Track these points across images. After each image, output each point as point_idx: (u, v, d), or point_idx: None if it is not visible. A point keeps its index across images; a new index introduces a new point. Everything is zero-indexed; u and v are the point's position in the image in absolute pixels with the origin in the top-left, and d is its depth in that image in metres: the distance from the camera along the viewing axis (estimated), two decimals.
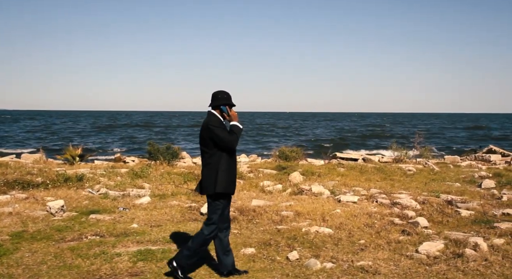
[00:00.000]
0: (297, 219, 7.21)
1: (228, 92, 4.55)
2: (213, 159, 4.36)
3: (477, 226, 6.81)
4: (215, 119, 4.41)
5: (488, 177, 11.83)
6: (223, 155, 4.35)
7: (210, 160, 4.37)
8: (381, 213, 7.67)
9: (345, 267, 4.90)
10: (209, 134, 4.33)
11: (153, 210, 7.74)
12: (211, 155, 4.37)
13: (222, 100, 4.45)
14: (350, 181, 11.23)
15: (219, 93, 4.51)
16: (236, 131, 4.39)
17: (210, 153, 4.37)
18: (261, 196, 9.29)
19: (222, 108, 4.45)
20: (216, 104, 4.46)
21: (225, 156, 4.36)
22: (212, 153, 4.36)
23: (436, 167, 13.97)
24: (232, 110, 4.49)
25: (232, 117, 4.45)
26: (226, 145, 4.31)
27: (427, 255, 5.30)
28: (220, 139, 4.29)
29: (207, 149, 4.39)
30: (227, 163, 4.38)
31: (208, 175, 4.37)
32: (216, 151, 4.35)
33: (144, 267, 4.76)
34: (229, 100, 4.49)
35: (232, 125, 4.42)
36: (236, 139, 4.34)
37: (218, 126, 4.33)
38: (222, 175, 4.33)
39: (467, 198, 9.22)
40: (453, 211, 7.87)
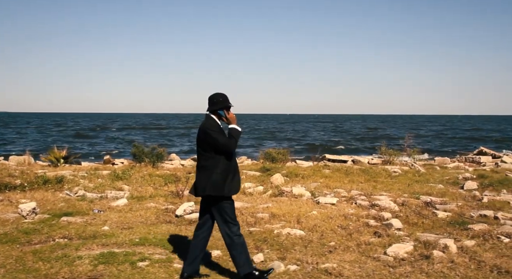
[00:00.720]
0: (272, 221, 7.15)
1: (224, 94, 4.48)
2: (210, 161, 4.31)
3: (451, 227, 6.77)
4: (213, 123, 4.37)
5: (471, 178, 11.81)
6: (221, 158, 4.30)
7: (207, 163, 4.33)
8: (358, 214, 7.62)
9: (309, 269, 4.85)
10: (207, 138, 4.29)
11: (128, 212, 7.67)
12: (208, 157, 4.32)
13: (218, 104, 4.40)
14: (333, 183, 11.18)
15: (215, 96, 4.45)
16: (234, 134, 4.34)
17: (207, 155, 4.32)
18: (241, 198, 9.23)
19: (219, 112, 4.40)
20: (213, 108, 4.41)
21: (223, 159, 4.31)
22: (210, 156, 4.31)
23: (422, 169, 13.94)
24: (230, 112, 4.44)
25: (230, 120, 4.40)
26: (224, 149, 4.26)
27: (395, 257, 5.25)
28: (219, 143, 4.24)
29: (204, 151, 4.34)
30: (225, 165, 4.31)
31: (204, 177, 4.32)
32: (214, 154, 4.30)
33: (104, 270, 4.68)
34: (226, 102, 4.43)
35: (230, 128, 4.37)
36: (234, 143, 4.30)
37: (216, 131, 4.29)
38: (218, 178, 4.28)
39: (447, 200, 9.18)
40: (430, 213, 7.83)
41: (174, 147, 36.02)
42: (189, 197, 8.95)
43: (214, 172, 4.28)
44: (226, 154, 4.30)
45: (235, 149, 4.34)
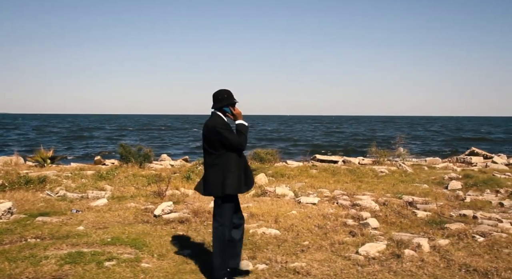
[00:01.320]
0: (250, 220, 7.11)
1: (228, 90, 4.44)
2: (221, 160, 4.26)
3: (428, 227, 6.75)
4: (221, 121, 4.32)
5: (457, 178, 11.81)
6: (231, 155, 4.26)
7: (217, 161, 4.27)
8: (337, 214, 7.59)
9: (277, 268, 4.81)
10: (217, 137, 4.24)
11: (107, 212, 7.62)
12: (218, 156, 4.27)
13: (223, 101, 4.36)
14: (318, 183, 11.16)
15: (219, 93, 4.40)
16: (243, 130, 4.31)
17: (217, 154, 4.27)
18: None
19: (225, 109, 4.37)
20: (218, 106, 4.37)
21: (234, 156, 4.27)
22: (220, 154, 4.26)
23: (410, 169, 13.93)
24: (236, 108, 4.40)
25: (236, 116, 4.36)
26: (237, 147, 4.24)
27: (366, 256, 5.23)
28: (230, 142, 4.20)
29: (213, 150, 4.29)
30: (237, 163, 4.29)
31: (215, 176, 4.27)
32: (224, 152, 4.26)
33: (70, 270, 4.63)
34: (231, 98, 4.39)
35: (238, 125, 4.33)
36: (245, 140, 4.28)
37: (225, 129, 4.24)
38: (232, 177, 4.24)
39: (429, 200, 9.17)
40: (410, 212, 7.81)
41: (171, 148, 35.99)
42: (170, 197, 8.93)
43: (227, 170, 4.24)
44: (238, 151, 4.28)
45: (246, 146, 4.30)
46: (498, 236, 6.04)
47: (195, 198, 9.02)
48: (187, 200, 8.76)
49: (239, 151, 4.28)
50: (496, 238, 5.96)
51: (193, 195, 9.33)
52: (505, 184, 10.72)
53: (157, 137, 50.17)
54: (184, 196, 9.25)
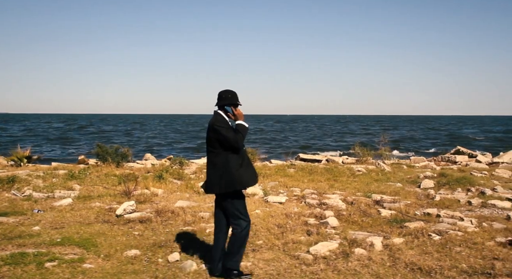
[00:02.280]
0: (211, 220, 7.04)
1: (234, 92, 4.52)
2: (219, 158, 4.34)
3: (388, 226, 6.72)
4: (220, 119, 4.38)
5: (431, 177, 11.79)
6: (229, 154, 4.31)
7: (216, 160, 4.35)
8: (301, 213, 7.55)
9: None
10: (214, 135, 4.31)
11: (69, 212, 7.54)
12: (216, 154, 4.35)
13: (226, 100, 4.44)
14: (292, 182, 11.11)
15: (224, 92, 4.49)
16: (241, 130, 4.37)
17: (216, 152, 4.35)
18: (193, 197, 9.14)
19: (226, 108, 4.43)
20: (221, 104, 4.45)
21: (231, 155, 4.32)
22: (218, 152, 4.34)
23: (388, 168, 13.90)
24: (237, 109, 4.45)
25: (237, 116, 4.42)
26: (231, 145, 4.28)
27: (315, 255, 5.18)
28: (226, 139, 4.26)
29: (213, 148, 4.37)
30: (235, 161, 4.32)
31: (215, 174, 4.35)
32: (222, 150, 4.32)
33: (8, 271, 4.55)
34: (234, 99, 4.46)
35: (237, 124, 4.40)
36: (241, 138, 4.32)
37: (223, 126, 4.31)
38: (231, 174, 4.29)
39: (399, 198, 9.14)
40: (375, 211, 7.78)
41: (162, 147, 35.88)
42: (138, 196, 8.84)
43: (227, 168, 4.29)
44: (234, 149, 4.31)
45: (242, 144, 4.35)
46: (454, 235, 6.02)
47: (163, 197, 8.96)
48: (155, 200, 8.68)
49: (235, 149, 4.32)
50: (451, 237, 5.94)
51: (162, 194, 9.26)
52: (477, 183, 10.72)
53: (152, 137, 50.02)
54: (153, 195, 9.17)
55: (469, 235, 6.05)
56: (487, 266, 4.82)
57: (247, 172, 4.40)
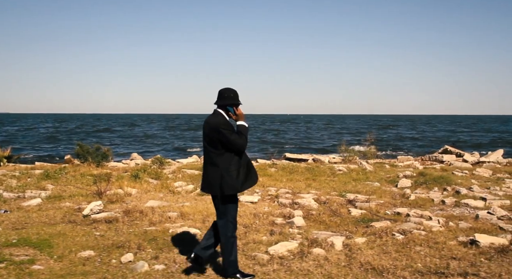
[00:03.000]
0: (177, 220, 6.98)
1: (235, 90, 4.40)
2: (221, 159, 4.23)
3: (354, 225, 6.67)
4: (224, 120, 4.26)
5: (410, 176, 11.76)
6: (231, 155, 4.23)
7: (217, 160, 4.24)
8: (270, 213, 7.50)
9: (173, 269, 4.70)
10: (219, 137, 4.19)
11: (36, 212, 7.45)
12: (218, 155, 4.23)
13: (228, 100, 4.31)
14: (270, 181, 11.05)
15: (225, 91, 4.35)
16: (244, 131, 4.28)
17: (217, 153, 4.24)
18: (167, 197, 9.06)
19: (228, 108, 4.32)
20: (222, 103, 4.32)
21: (234, 156, 4.23)
22: (219, 153, 4.23)
23: (370, 167, 13.86)
24: (239, 109, 4.35)
25: (238, 116, 4.32)
26: (237, 149, 4.20)
27: (272, 255, 5.13)
28: (231, 143, 4.17)
29: (213, 149, 4.25)
30: (237, 163, 4.24)
31: (215, 176, 4.25)
32: (224, 151, 4.22)
33: None
34: (236, 99, 4.35)
35: (239, 125, 4.30)
36: (245, 141, 4.24)
37: (229, 129, 4.20)
38: (231, 177, 4.20)
39: (374, 198, 9.10)
40: (346, 211, 7.73)
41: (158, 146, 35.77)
42: (111, 196, 8.75)
43: (228, 170, 4.21)
44: (238, 152, 4.23)
45: (246, 147, 4.26)
46: (417, 234, 5.98)
47: (136, 197, 8.88)
48: (127, 200, 8.60)
49: (240, 152, 4.24)
50: (414, 236, 5.89)
51: (135, 194, 9.18)
52: (454, 182, 10.70)
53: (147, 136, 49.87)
54: (126, 195, 9.08)
55: (432, 235, 6.01)
56: (442, 265, 4.78)
57: (248, 174, 4.32)
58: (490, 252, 5.27)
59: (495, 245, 5.44)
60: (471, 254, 5.22)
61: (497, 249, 5.33)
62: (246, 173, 4.30)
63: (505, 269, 4.69)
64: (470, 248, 5.46)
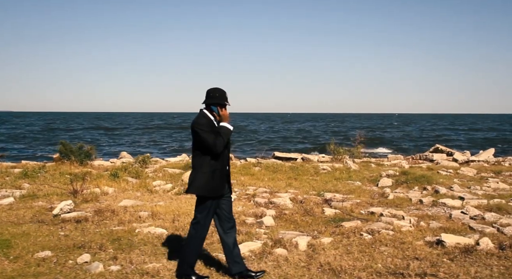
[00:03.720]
0: (148, 219, 6.90)
1: (223, 91, 4.28)
2: (196, 160, 4.21)
3: (325, 225, 6.61)
4: (203, 121, 4.16)
5: (393, 175, 11.70)
6: (206, 157, 4.13)
7: (193, 161, 4.24)
8: (243, 212, 7.44)
9: (128, 270, 4.61)
10: (195, 136, 4.13)
11: (5, 211, 7.38)
12: (194, 156, 4.22)
13: (214, 99, 4.21)
14: (251, 180, 10.97)
15: (211, 91, 4.26)
16: (223, 133, 4.13)
17: (194, 154, 4.22)
18: (144, 196, 8.98)
19: (212, 107, 4.21)
20: (207, 102, 4.24)
21: (208, 158, 4.13)
22: (195, 154, 4.20)
23: (355, 166, 13.80)
24: (224, 109, 4.22)
25: (222, 117, 4.20)
26: (210, 149, 4.07)
27: None
28: (204, 142, 4.06)
29: (193, 149, 4.23)
30: (210, 165, 4.13)
31: (190, 175, 4.25)
32: (200, 153, 4.15)
33: None
34: (222, 99, 4.23)
35: (221, 127, 4.17)
36: (222, 142, 4.08)
37: (205, 129, 4.09)
38: (202, 178, 4.14)
39: (351, 197, 9.04)
40: (320, 210, 7.66)
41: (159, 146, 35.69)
42: (87, 195, 8.66)
43: (199, 171, 4.16)
44: (212, 154, 4.11)
45: (222, 149, 4.11)
46: (385, 234, 5.92)
47: (111, 196, 8.79)
48: (102, 199, 8.51)
49: (213, 153, 4.10)
50: (381, 236, 5.84)
51: (112, 193, 9.10)
52: (436, 181, 10.64)
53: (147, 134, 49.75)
54: (103, 194, 9.00)
55: (401, 235, 5.95)
56: (403, 266, 4.72)
57: (216, 180, 4.18)
58: (454, 252, 5.22)
59: (460, 245, 5.38)
60: (435, 254, 5.16)
61: (462, 249, 5.27)
62: (215, 179, 4.17)
63: (464, 269, 4.63)
64: (435, 248, 5.41)
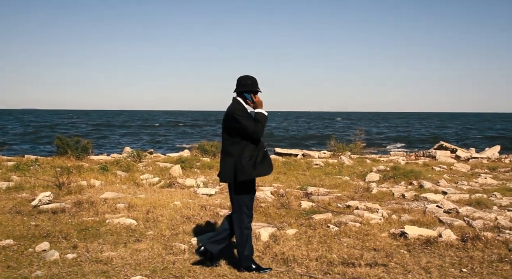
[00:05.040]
0: (123, 211, 6.99)
1: (254, 78, 4.34)
2: (236, 147, 4.18)
3: (296, 217, 6.63)
4: (240, 107, 4.22)
5: (383, 171, 11.63)
6: (247, 143, 4.16)
7: (232, 149, 4.20)
8: (220, 205, 7.50)
9: (83, 258, 4.69)
10: (234, 123, 4.15)
11: None
12: (233, 143, 4.19)
13: (246, 87, 4.27)
14: None
15: (243, 78, 4.32)
16: (261, 119, 4.18)
17: (232, 140, 4.20)
18: (130, 189, 9.08)
19: (245, 95, 4.27)
20: (239, 90, 4.29)
21: (249, 144, 4.17)
22: (234, 141, 4.18)
23: (349, 162, 13.75)
24: (257, 96, 4.29)
25: (256, 104, 4.25)
26: (250, 135, 4.12)
27: (191, 245, 5.11)
28: (246, 129, 4.10)
29: (230, 136, 4.22)
30: (252, 152, 4.17)
31: (230, 163, 4.20)
32: (239, 140, 4.17)
33: None
34: (254, 86, 4.29)
35: (256, 113, 4.22)
36: (261, 128, 4.15)
37: (243, 115, 4.15)
38: (244, 164, 4.14)
39: (335, 191, 9.04)
40: (297, 204, 7.67)
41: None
42: (73, 187, 8.79)
43: (241, 158, 4.15)
44: (253, 140, 4.17)
45: (262, 135, 4.18)
46: (351, 226, 5.93)
47: (97, 189, 8.90)
48: (87, 191, 8.64)
49: (254, 139, 4.17)
50: (348, 228, 5.85)
51: (99, 186, 9.22)
52: (424, 177, 10.56)
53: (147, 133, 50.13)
54: (90, 187, 9.14)
55: (368, 227, 5.96)
56: (357, 256, 4.72)
57: (261, 164, 4.21)
58: (415, 243, 5.21)
59: (423, 237, 5.37)
60: (394, 246, 5.17)
61: (424, 241, 5.27)
62: (261, 161, 4.20)
63: (417, 259, 4.64)
64: (398, 240, 5.40)
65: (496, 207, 7.51)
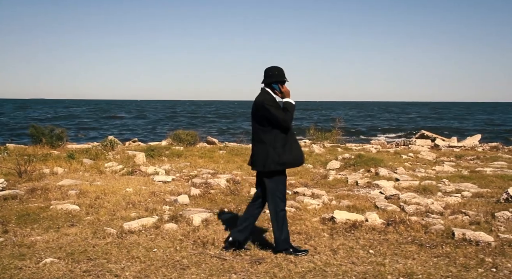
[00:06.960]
0: (72, 197, 7.12)
1: (280, 68, 4.53)
2: (267, 136, 4.37)
3: (238, 203, 6.81)
4: (269, 97, 4.41)
5: (348, 159, 11.78)
6: (277, 132, 4.35)
7: (264, 137, 4.38)
8: (170, 191, 7.67)
9: (8, 242, 4.83)
10: (264, 113, 4.34)
11: None
12: (265, 132, 4.38)
13: (273, 77, 4.45)
14: (206, 163, 11.16)
15: (270, 69, 4.50)
16: (289, 108, 4.39)
17: (264, 129, 4.38)
18: (92, 176, 9.22)
19: (273, 85, 4.44)
20: (267, 81, 4.47)
21: (279, 133, 4.35)
22: (266, 130, 4.37)
23: (319, 150, 13.89)
24: (284, 86, 4.46)
25: (284, 93, 4.44)
26: (280, 124, 4.32)
27: (124, 230, 5.27)
28: (276, 118, 4.30)
29: (260, 126, 4.40)
30: (283, 140, 4.36)
31: (262, 152, 4.39)
32: (271, 128, 4.35)
33: None
34: (281, 76, 4.47)
35: (285, 102, 4.42)
36: (290, 117, 4.36)
37: (273, 105, 4.33)
38: (277, 153, 4.33)
39: (291, 178, 9.18)
40: (247, 191, 7.84)
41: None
42: (34, 175, 8.91)
43: (273, 146, 4.34)
44: (283, 128, 4.35)
45: (291, 123, 4.39)
46: (287, 211, 6.05)
47: (57, 176, 9.03)
48: (47, 178, 8.78)
49: (284, 128, 4.34)
50: None
51: (61, 173, 9.36)
52: (383, 164, 10.72)
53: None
54: (53, 174, 9.28)
55: (303, 212, 6.15)
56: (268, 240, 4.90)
57: (292, 152, 4.42)
58: (340, 227, 5.39)
59: (350, 221, 5.54)
60: (320, 230, 5.34)
61: (350, 224, 5.45)
62: (291, 151, 4.40)
63: (330, 242, 4.81)
64: (326, 224, 5.57)
65: (441, 193, 7.69)
